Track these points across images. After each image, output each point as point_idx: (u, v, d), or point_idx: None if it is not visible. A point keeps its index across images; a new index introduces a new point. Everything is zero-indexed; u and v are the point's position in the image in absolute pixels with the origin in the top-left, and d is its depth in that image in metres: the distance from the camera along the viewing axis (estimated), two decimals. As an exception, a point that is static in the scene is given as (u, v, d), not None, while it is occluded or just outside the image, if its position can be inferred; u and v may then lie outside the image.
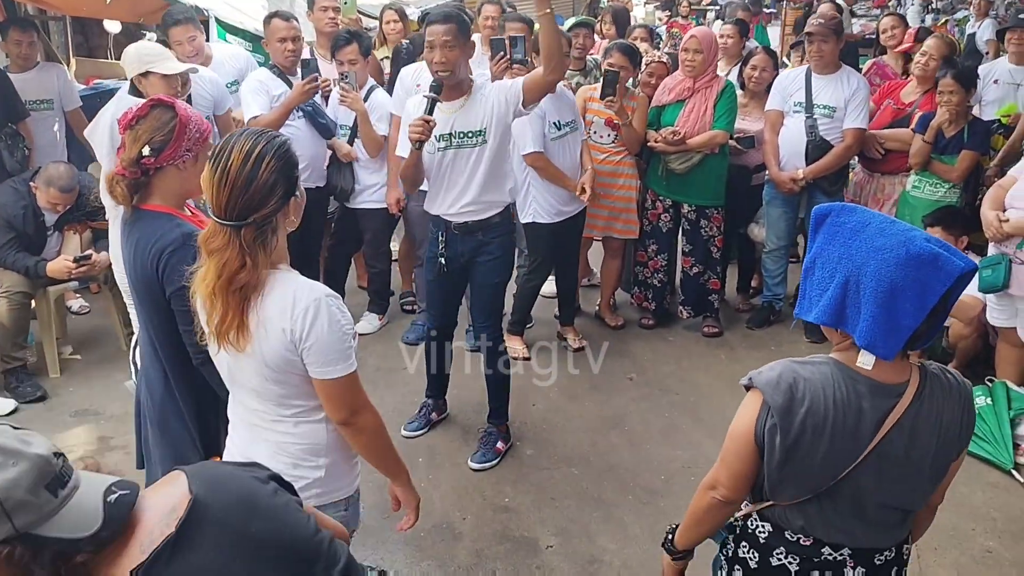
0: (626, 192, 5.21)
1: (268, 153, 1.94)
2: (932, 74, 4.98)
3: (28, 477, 1.18)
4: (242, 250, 1.92)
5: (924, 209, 4.72)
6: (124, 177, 2.37)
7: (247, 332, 1.97)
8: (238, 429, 2.23)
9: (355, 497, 2.27)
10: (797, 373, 1.70)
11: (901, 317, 1.58)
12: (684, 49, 5.05)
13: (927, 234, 1.63)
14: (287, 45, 4.65)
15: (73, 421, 4.31)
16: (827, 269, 1.68)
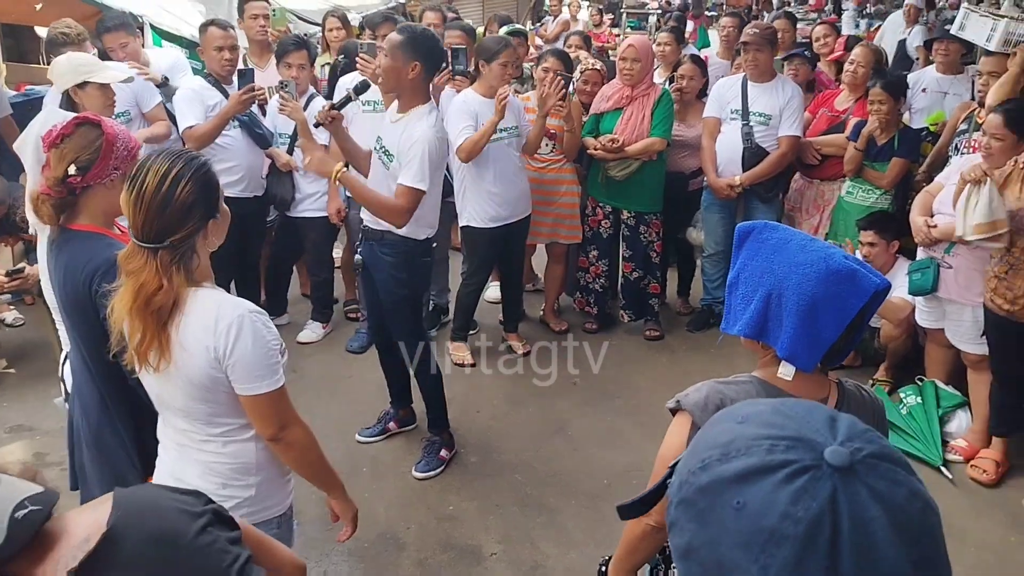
0: (570, 199, 5.27)
1: (185, 175, 1.93)
2: (862, 81, 5.13)
3: None
4: (159, 272, 1.91)
5: (857, 214, 4.85)
6: (50, 197, 2.32)
7: (167, 352, 1.96)
8: (168, 450, 2.21)
9: (288, 515, 2.26)
10: (723, 394, 1.73)
11: (821, 330, 1.63)
12: (622, 58, 5.11)
13: (845, 252, 1.69)
14: (224, 54, 4.59)
15: (8, 437, 4.21)
16: (750, 284, 1.72)
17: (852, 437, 0.79)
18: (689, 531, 0.81)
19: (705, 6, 15.64)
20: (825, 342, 1.64)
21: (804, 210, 5.42)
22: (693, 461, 0.84)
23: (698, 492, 0.81)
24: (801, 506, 0.74)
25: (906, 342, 4.67)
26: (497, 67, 4.58)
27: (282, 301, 5.42)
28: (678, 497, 0.84)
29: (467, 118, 4.58)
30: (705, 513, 0.79)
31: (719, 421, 0.88)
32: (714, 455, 0.81)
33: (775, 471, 0.76)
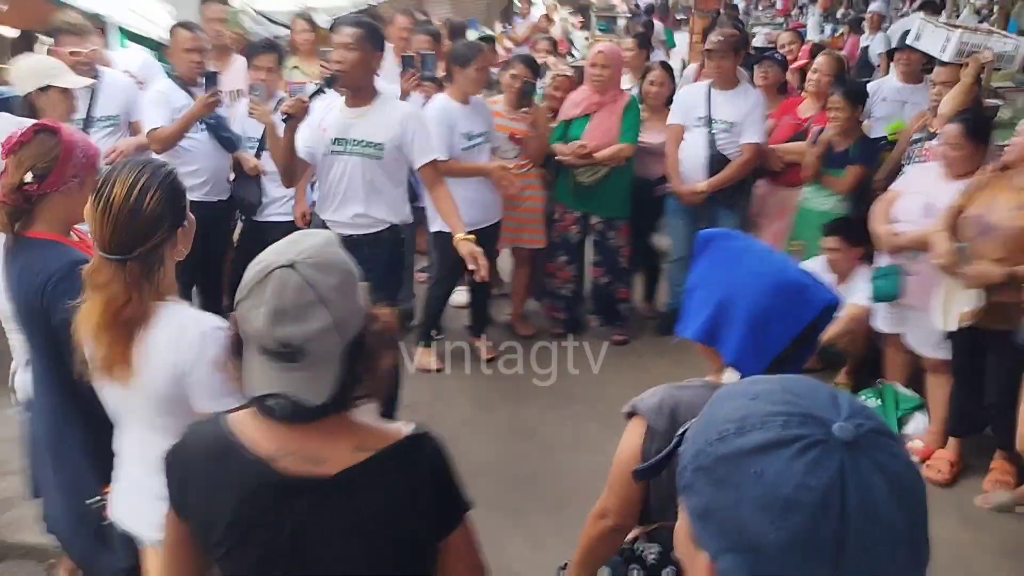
0: (533, 203, 5.31)
1: (153, 185, 1.91)
2: (825, 90, 5.22)
3: None
4: (127, 284, 1.89)
5: (815, 219, 4.93)
6: (5, 204, 2.31)
7: (129, 368, 1.94)
8: (124, 467, 2.18)
9: None
10: (676, 398, 1.77)
11: (769, 341, 1.67)
12: (592, 64, 5.16)
13: (796, 264, 1.76)
14: (192, 56, 4.58)
15: (-33, 445, 4.15)
16: (707, 290, 1.76)
17: (854, 414, 0.87)
18: (707, 495, 0.89)
19: (674, 10, 15.77)
20: (771, 352, 1.68)
21: (768, 216, 5.50)
22: (711, 433, 0.91)
23: (717, 460, 0.89)
24: (814, 477, 0.82)
25: (866, 346, 4.75)
26: (472, 72, 4.62)
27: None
28: (695, 464, 0.92)
29: (446, 130, 4.60)
30: (725, 479, 0.87)
31: (731, 397, 0.95)
32: (731, 428, 0.89)
33: (790, 444, 0.85)
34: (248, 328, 1.39)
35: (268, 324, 1.35)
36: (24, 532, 3.50)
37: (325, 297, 1.37)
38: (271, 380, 1.40)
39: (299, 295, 1.35)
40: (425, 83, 4.89)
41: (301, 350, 1.36)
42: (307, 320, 1.35)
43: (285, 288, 1.35)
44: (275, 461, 1.43)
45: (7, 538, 3.49)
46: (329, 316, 1.37)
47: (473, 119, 4.75)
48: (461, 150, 4.70)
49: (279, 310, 1.35)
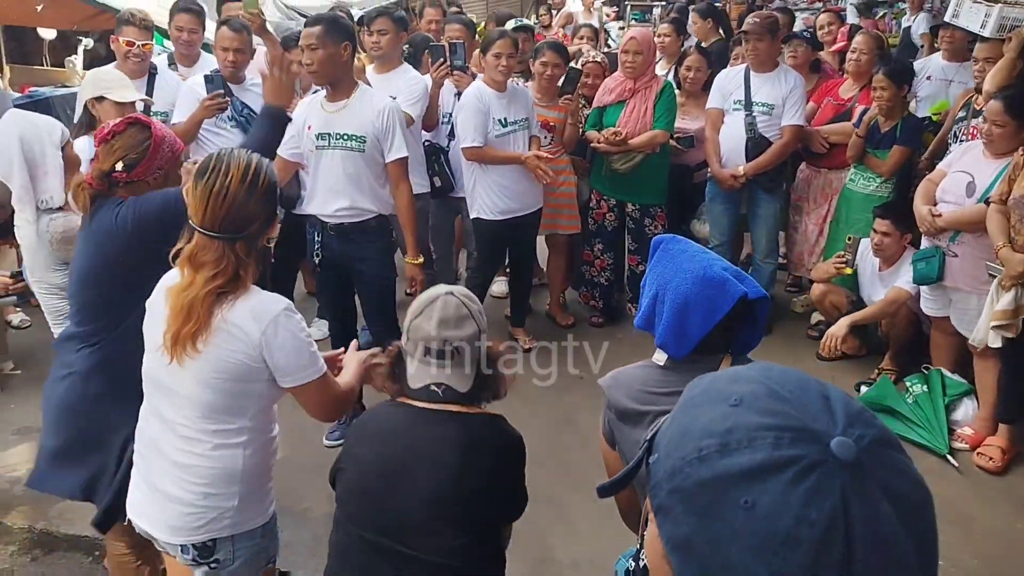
0: (567, 188, 5.27)
1: (262, 170, 2.06)
2: (866, 69, 5.12)
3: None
4: (237, 262, 2.00)
5: (859, 202, 4.84)
6: (91, 187, 2.42)
7: (207, 337, 2.00)
8: (145, 456, 2.20)
9: (271, 524, 2.27)
10: (624, 369, 2.07)
11: (689, 327, 1.90)
12: (624, 50, 5.11)
13: (726, 264, 1.95)
14: (228, 55, 4.60)
15: (15, 439, 4.24)
16: (649, 285, 2.02)
17: (852, 421, 0.77)
18: (688, 524, 0.78)
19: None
20: (693, 336, 1.91)
21: (811, 199, 5.42)
22: (687, 448, 0.79)
23: (698, 486, 0.77)
24: (814, 508, 0.72)
25: (909, 330, 4.65)
26: (491, 58, 4.61)
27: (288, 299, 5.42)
28: (671, 485, 0.80)
29: (479, 115, 4.61)
30: (708, 509, 0.76)
31: (709, 400, 0.83)
32: (712, 445, 0.77)
33: (784, 469, 0.74)
34: (419, 335, 1.98)
35: (438, 329, 1.95)
36: (72, 524, 3.56)
37: (473, 315, 2.01)
38: (432, 374, 1.98)
39: (458, 310, 1.99)
40: (456, 72, 4.86)
41: (457, 350, 1.96)
42: (463, 328, 1.98)
43: (448, 306, 1.98)
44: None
45: (56, 530, 3.54)
46: (476, 327, 2.01)
47: (509, 105, 4.72)
48: (495, 136, 4.68)
49: (444, 319, 1.96)
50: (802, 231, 5.48)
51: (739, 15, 10.47)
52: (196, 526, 2.11)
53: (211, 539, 2.13)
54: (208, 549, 2.13)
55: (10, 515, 3.64)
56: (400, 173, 3.85)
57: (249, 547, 2.18)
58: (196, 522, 2.10)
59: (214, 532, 2.12)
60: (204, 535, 2.12)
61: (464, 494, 1.94)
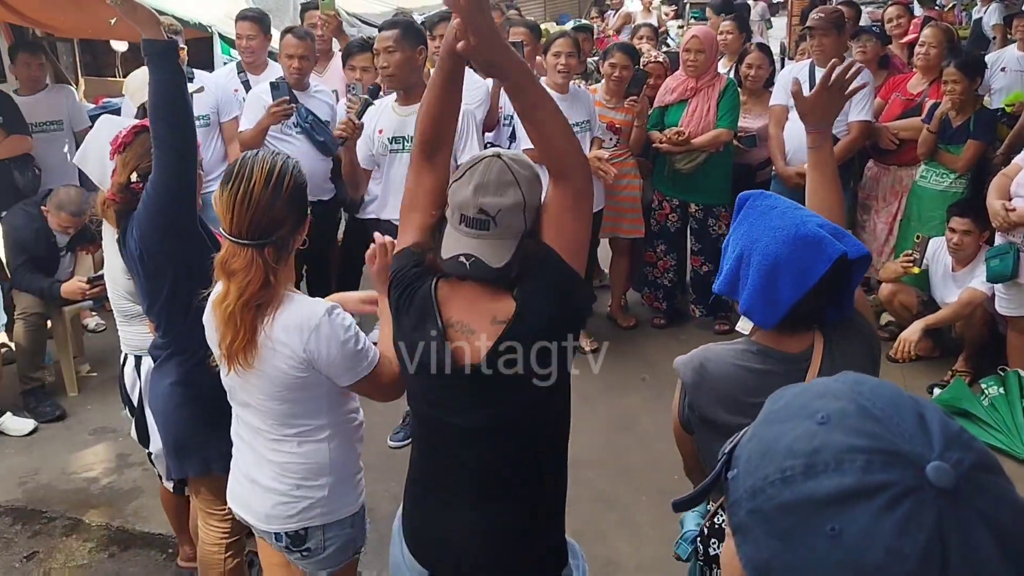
0: (630, 192, 5.23)
1: (287, 174, 2.01)
2: (935, 63, 4.98)
3: None
4: (265, 268, 1.97)
5: (931, 199, 4.71)
6: (114, 202, 2.43)
7: (255, 350, 2.00)
8: (241, 451, 2.27)
9: (361, 514, 2.30)
10: (708, 350, 1.85)
11: (780, 291, 1.69)
12: (686, 49, 5.06)
13: (823, 220, 1.72)
14: (293, 62, 4.68)
15: (92, 439, 4.37)
16: (733, 245, 1.81)
17: (949, 443, 0.71)
18: (768, 548, 0.74)
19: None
20: (783, 303, 1.70)
21: (880, 197, 5.29)
22: (770, 467, 0.75)
23: (780, 509, 0.73)
24: (908, 539, 0.67)
25: (984, 331, 4.51)
26: (551, 57, 4.63)
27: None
28: (751, 505, 0.76)
29: None
30: (791, 534, 0.72)
31: (793, 415, 0.78)
32: (797, 466, 0.73)
33: (874, 495, 0.68)
34: (455, 199, 1.73)
35: (473, 194, 1.69)
36: (147, 521, 3.66)
37: (519, 181, 1.71)
38: (465, 244, 1.72)
39: (501, 175, 1.70)
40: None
41: (494, 220, 1.69)
42: (504, 195, 1.69)
43: (490, 169, 1.71)
44: (448, 328, 1.75)
45: (131, 527, 3.64)
46: (521, 196, 1.71)
47: (570, 108, 4.70)
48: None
49: (483, 184, 1.69)
50: (871, 230, 5.35)
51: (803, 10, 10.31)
52: (289, 515, 2.16)
53: (303, 527, 2.18)
54: (300, 537, 2.19)
55: (88, 513, 3.75)
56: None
57: (339, 536, 2.22)
58: (289, 511, 2.16)
59: (306, 521, 2.17)
60: (297, 523, 2.17)
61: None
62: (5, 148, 5.04)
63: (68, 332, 4.80)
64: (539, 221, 1.77)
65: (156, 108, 2.36)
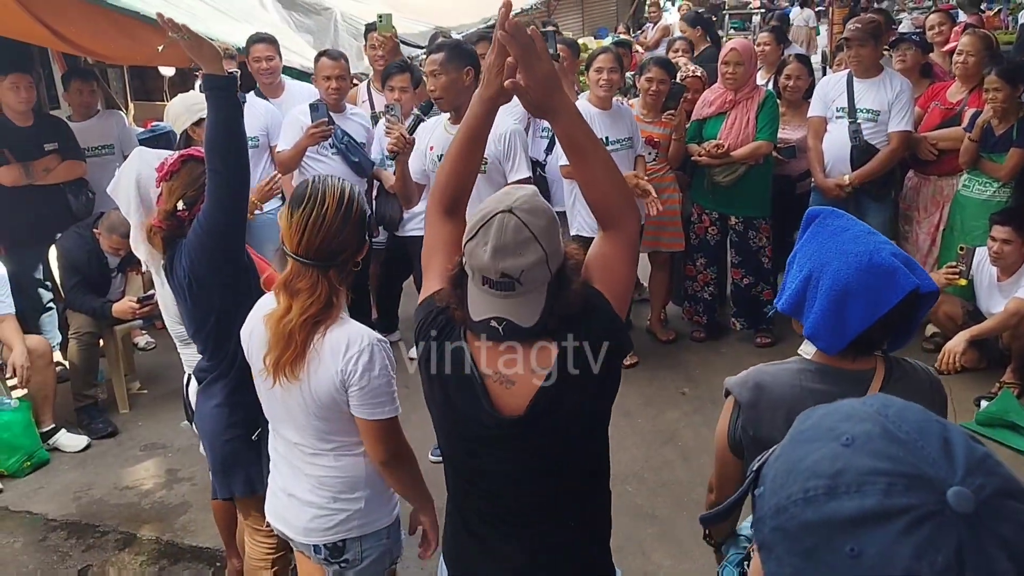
0: (670, 206, 5.22)
1: (355, 199, 2.09)
2: (973, 72, 4.92)
3: None
4: (329, 289, 2.05)
5: (974, 209, 4.64)
6: (161, 229, 2.50)
7: (304, 365, 2.06)
8: (278, 466, 2.32)
9: (395, 525, 2.34)
10: (763, 371, 1.83)
11: (849, 318, 1.67)
12: (724, 62, 5.06)
13: (896, 249, 1.70)
14: (331, 83, 4.78)
15: (143, 455, 4.48)
16: (801, 264, 1.78)
17: (972, 469, 0.72)
18: (791, 566, 0.75)
19: (814, 1, 15.29)
20: (851, 330, 1.68)
21: (921, 208, 5.23)
22: (793, 487, 0.77)
23: (802, 528, 0.74)
24: (926, 562, 0.67)
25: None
26: (592, 73, 4.66)
27: (393, 319, 5.57)
28: (775, 522, 0.77)
29: None
30: (812, 553, 0.73)
31: (818, 437, 0.79)
32: (820, 487, 0.74)
33: (895, 518, 0.69)
34: (475, 263, 1.64)
35: (492, 258, 1.60)
36: (195, 536, 3.74)
37: (538, 235, 1.61)
38: (493, 306, 1.66)
39: (517, 234, 1.60)
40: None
41: (518, 280, 1.62)
42: (524, 254, 1.61)
43: (505, 228, 1.60)
44: (485, 378, 1.71)
45: (181, 541, 3.73)
46: (541, 250, 1.62)
47: (612, 125, 4.73)
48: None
49: (501, 247, 1.60)
50: (913, 240, 5.29)
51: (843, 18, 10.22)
52: (327, 527, 2.22)
53: (341, 539, 2.23)
54: (338, 549, 2.24)
55: (139, 527, 3.85)
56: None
57: (376, 547, 2.27)
58: (327, 523, 2.22)
59: (343, 533, 2.23)
60: (335, 536, 2.23)
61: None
62: (61, 172, 5.20)
63: (119, 350, 4.93)
64: (566, 261, 1.71)
65: (214, 141, 2.43)
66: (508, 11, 1.67)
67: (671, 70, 5.18)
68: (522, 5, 10.54)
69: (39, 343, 4.61)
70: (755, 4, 18.24)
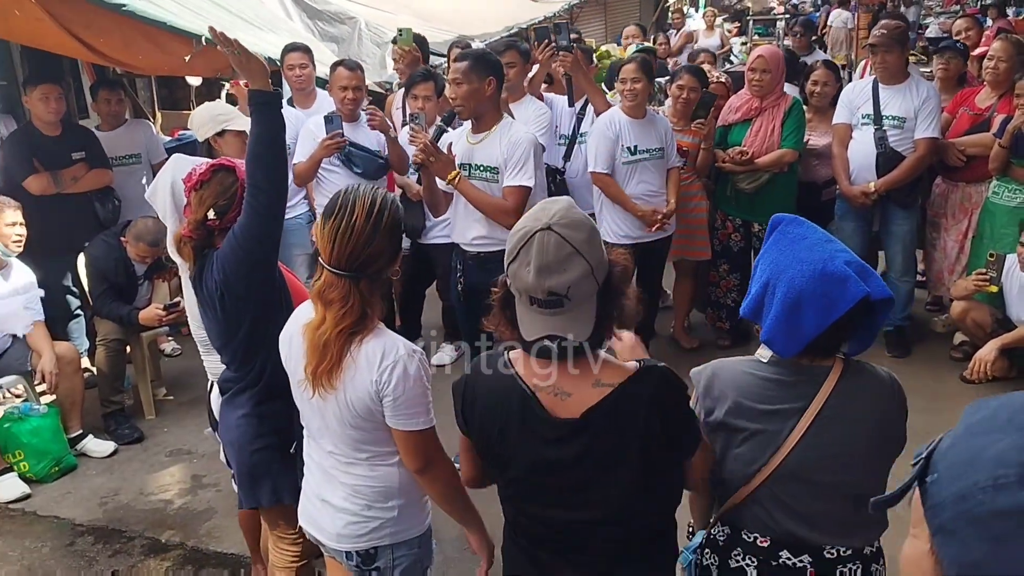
0: (698, 215, 5.21)
1: (387, 208, 2.06)
2: (1004, 78, 4.87)
3: None
4: (363, 300, 2.03)
5: (1004, 216, 4.59)
6: (191, 239, 2.51)
7: (340, 375, 2.06)
8: (313, 472, 2.33)
9: (427, 535, 2.34)
10: (722, 362, 1.96)
11: (803, 323, 1.75)
12: (751, 68, 5.04)
13: (851, 257, 1.77)
14: (347, 94, 4.81)
15: (168, 461, 4.52)
16: (761, 270, 1.87)
17: None
18: (979, 550, 0.78)
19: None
20: (805, 335, 1.76)
21: (949, 215, 5.18)
22: (980, 475, 0.79)
23: (994, 514, 0.77)
24: None
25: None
26: (617, 84, 4.66)
27: (416, 326, 5.58)
28: (959, 509, 0.80)
29: (606, 142, 4.67)
30: (1003, 538, 0.76)
31: (997, 428, 0.82)
32: (1011, 475, 0.77)
33: None
34: (519, 284, 1.66)
35: (537, 278, 1.61)
36: (220, 541, 3.77)
37: (580, 249, 1.63)
38: (545, 324, 1.67)
39: (559, 250, 1.62)
40: (561, 53, 4.87)
41: (566, 296, 1.63)
42: (568, 270, 1.62)
43: (546, 247, 1.62)
44: (538, 393, 1.73)
45: (206, 547, 3.75)
46: (586, 263, 1.64)
47: (643, 134, 4.71)
48: (622, 163, 4.70)
49: (544, 266, 1.62)
50: (941, 248, 5.23)
51: (868, 23, 10.15)
52: (359, 534, 2.22)
53: (373, 547, 2.24)
54: (370, 556, 2.25)
55: (165, 533, 3.88)
56: (517, 200, 3.67)
57: (408, 556, 2.27)
58: (360, 531, 2.22)
59: (375, 541, 2.23)
60: (367, 543, 2.23)
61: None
62: (88, 181, 5.26)
63: (146, 357, 4.98)
64: (613, 268, 1.74)
65: (257, 156, 2.45)
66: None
67: (703, 79, 5.16)
68: (545, 12, 10.57)
69: (67, 350, 4.67)
70: (779, 10, 18.17)
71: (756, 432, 1.84)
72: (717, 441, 1.91)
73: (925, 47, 11.37)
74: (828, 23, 13.50)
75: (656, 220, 4.69)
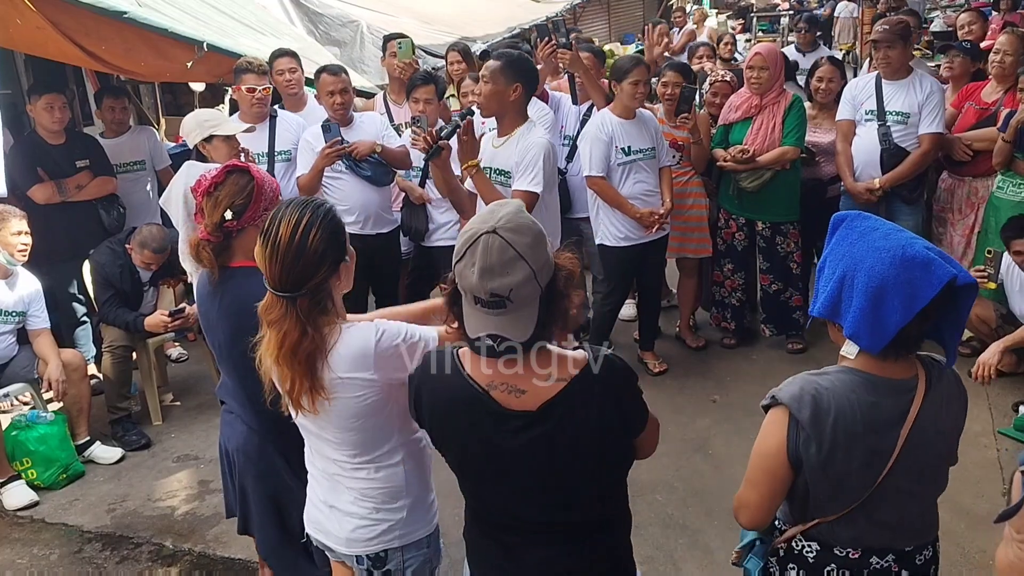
0: (696, 212, 5.21)
1: (315, 223, 2.00)
2: (1010, 71, 4.85)
3: None
4: (300, 320, 1.98)
5: (1008, 210, 4.57)
6: (209, 242, 2.51)
7: (322, 391, 2.03)
8: (318, 480, 2.32)
9: (435, 535, 2.34)
10: (818, 384, 1.78)
11: (888, 314, 1.67)
12: (749, 66, 5.03)
13: (928, 243, 1.70)
14: (335, 98, 4.78)
15: (176, 466, 4.53)
16: (832, 267, 1.79)
17: None
18: None
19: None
20: (891, 326, 1.68)
21: (956, 209, 5.16)
22: None
23: None
24: None
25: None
26: (628, 85, 4.62)
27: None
28: None
29: (600, 145, 4.64)
30: None
31: None
32: None
33: None
34: (464, 283, 1.70)
35: (480, 280, 1.65)
36: (227, 547, 3.77)
37: (523, 253, 1.66)
38: (488, 323, 1.71)
39: (502, 254, 1.66)
40: (560, 51, 4.87)
41: (508, 298, 1.66)
42: (511, 274, 1.66)
43: (490, 249, 1.66)
44: (490, 391, 1.77)
45: (213, 552, 3.76)
46: (528, 268, 1.67)
47: (635, 134, 4.71)
48: (617, 164, 4.69)
49: (487, 268, 1.65)
50: (947, 243, 5.21)
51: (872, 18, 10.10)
52: (369, 537, 2.23)
53: (383, 550, 2.24)
54: (381, 559, 2.25)
55: (172, 539, 3.88)
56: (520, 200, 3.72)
57: (417, 557, 2.27)
58: (369, 534, 2.22)
59: (385, 543, 2.23)
60: (376, 546, 2.23)
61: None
62: (92, 189, 5.28)
63: (152, 363, 4.99)
64: (558, 272, 1.75)
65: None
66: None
67: (686, 74, 5.16)
68: (547, 12, 10.57)
69: (74, 357, 4.68)
70: (783, 6, 18.14)
71: (864, 455, 1.77)
72: (820, 456, 1.77)
73: (930, 41, 11.33)
74: (835, 15, 13.47)
75: (654, 221, 4.68)
